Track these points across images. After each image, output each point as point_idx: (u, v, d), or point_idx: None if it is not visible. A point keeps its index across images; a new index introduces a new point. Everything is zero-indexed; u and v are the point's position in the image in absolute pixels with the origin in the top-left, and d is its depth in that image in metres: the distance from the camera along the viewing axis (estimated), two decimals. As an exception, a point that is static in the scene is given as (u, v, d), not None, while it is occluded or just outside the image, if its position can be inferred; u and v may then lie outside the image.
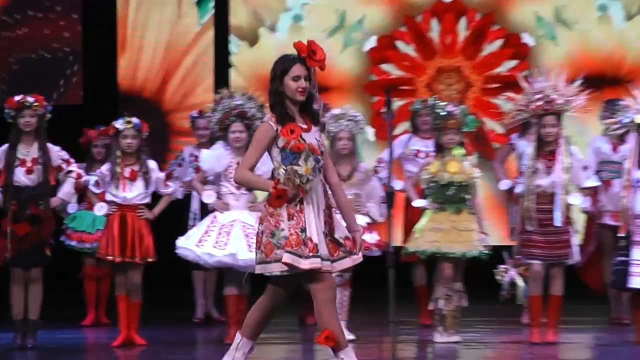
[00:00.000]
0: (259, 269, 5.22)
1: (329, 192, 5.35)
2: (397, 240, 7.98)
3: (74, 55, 11.25)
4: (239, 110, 7.43)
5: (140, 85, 11.33)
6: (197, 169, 7.65)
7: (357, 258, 5.34)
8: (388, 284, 6.12)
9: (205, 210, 7.61)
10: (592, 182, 7.56)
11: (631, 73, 10.69)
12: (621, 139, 7.98)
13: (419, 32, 10.93)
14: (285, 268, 5.12)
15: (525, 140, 8.07)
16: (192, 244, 7.29)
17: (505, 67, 10.97)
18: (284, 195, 5.14)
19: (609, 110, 8.24)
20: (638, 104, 7.39)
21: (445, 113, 7.37)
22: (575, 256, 7.40)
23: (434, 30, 10.99)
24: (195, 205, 8.56)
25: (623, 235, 7.21)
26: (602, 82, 10.33)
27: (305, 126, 5.25)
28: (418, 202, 7.44)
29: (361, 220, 7.31)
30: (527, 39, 10.90)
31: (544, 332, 7.29)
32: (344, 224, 5.31)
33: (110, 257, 7.31)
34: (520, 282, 7.32)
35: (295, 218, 5.18)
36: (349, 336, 7.34)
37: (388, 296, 6.12)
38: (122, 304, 7.36)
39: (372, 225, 7.65)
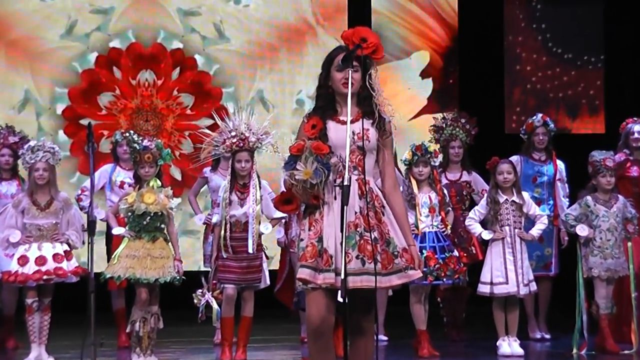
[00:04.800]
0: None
1: (377, 192, 4.66)
2: (100, 266, 7.91)
3: None
4: None
5: None
6: None
7: (416, 274, 4.68)
8: (88, 308, 6.09)
9: None
10: (280, 214, 7.68)
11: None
12: None
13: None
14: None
15: (218, 174, 8.36)
16: None
17: (202, 123, 11.15)
18: (292, 200, 4.54)
19: None
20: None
21: (141, 147, 7.47)
22: (266, 281, 7.65)
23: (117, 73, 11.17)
24: None
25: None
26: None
27: (349, 118, 4.54)
28: (117, 230, 7.52)
29: (59, 248, 7.48)
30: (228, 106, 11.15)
31: (235, 350, 7.54)
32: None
33: None
34: (214, 304, 7.50)
35: (313, 227, 4.56)
36: (49, 358, 7.46)
37: (89, 320, 6.09)
38: None
39: (70, 253, 7.56)
